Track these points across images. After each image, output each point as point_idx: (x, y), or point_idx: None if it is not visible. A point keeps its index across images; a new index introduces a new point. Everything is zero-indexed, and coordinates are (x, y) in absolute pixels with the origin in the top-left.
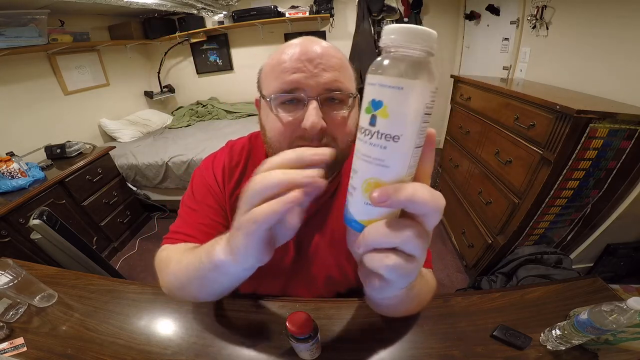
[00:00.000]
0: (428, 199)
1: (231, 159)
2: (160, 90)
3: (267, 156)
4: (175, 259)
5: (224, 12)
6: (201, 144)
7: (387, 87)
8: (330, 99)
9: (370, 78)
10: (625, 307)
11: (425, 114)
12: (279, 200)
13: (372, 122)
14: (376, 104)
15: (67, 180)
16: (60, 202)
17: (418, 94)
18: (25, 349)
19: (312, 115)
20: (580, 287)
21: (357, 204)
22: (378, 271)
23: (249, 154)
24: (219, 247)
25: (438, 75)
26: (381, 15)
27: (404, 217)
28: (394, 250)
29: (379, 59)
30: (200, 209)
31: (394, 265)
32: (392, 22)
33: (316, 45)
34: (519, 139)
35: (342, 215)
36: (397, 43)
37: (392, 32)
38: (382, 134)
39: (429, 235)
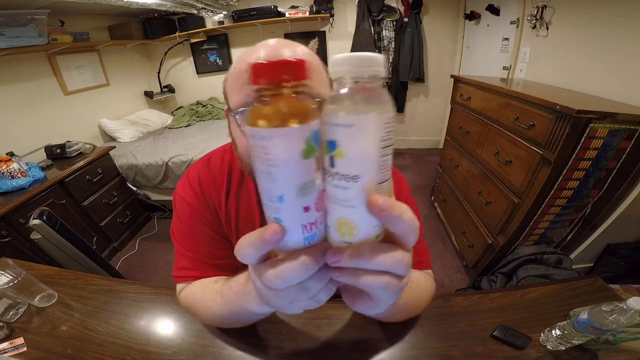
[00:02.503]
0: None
1: (212, 169)
2: (160, 90)
3: (239, 168)
4: (204, 309)
5: (224, 12)
6: (201, 144)
7: (338, 125)
8: None
9: (324, 117)
10: (625, 307)
11: (383, 147)
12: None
13: (331, 163)
14: (331, 144)
15: (67, 180)
16: (60, 202)
17: (369, 128)
18: (25, 349)
19: None
20: (580, 287)
21: (333, 241)
22: (371, 290)
23: (230, 163)
24: (254, 303)
25: (392, 102)
26: (381, 15)
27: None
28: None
29: (331, 94)
30: (193, 237)
31: (388, 284)
32: (393, 22)
33: (282, 50)
34: (519, 139)
35: None
36: (341, 75)
37: (338, 63)
38: (342, 175)
39: (410, 256)
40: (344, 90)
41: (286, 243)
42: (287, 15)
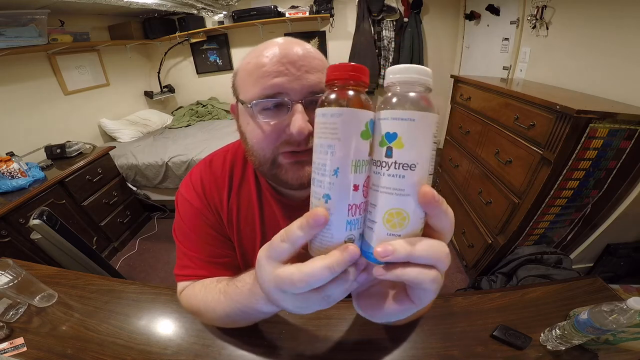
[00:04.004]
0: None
1: (214, 170)
2: (160, 90)
3: (240, 168)
4: (205, 309)
5: (224, 12)
6: (201, 144)
7: (400, 119)
8: (314, 101)
9: (382, 113)
10: (625, 307)
11: (433, 142)
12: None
13: (389, 153)
14: (390, 136)
15: (67, 180)
16: (60, 202)
17: (427, 123)
18: (25, 349)
19: (298, 120)
20: (580, 287)
21: (379, 236)
22: (420, 284)
23: (232, 163)
24: (262, 303)
25: (437, 106)
26: (381, 15)
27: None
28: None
29: (387, 96)
30: (195, 237)
31: (436, 277)
32: (393, 22)
33: (296, 47)
34: (519, 139)
35: None
36: (401, 81)
37: (396, 72)
38: (399, 164)
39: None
40: (404, 92)
41: (330, 227)
42: (287, 15)
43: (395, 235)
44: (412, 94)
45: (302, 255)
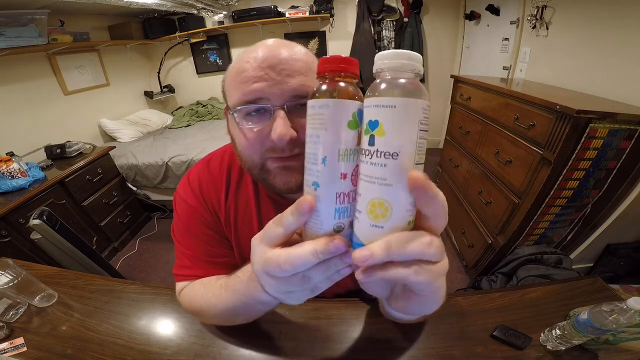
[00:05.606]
0: (409, 247)
1: (211, 170)
2: (160, 90)
3: (238, 168)
4: (207, 306)
5: (224, 12)
6: (201, 144)
7: (381, 106)
8: (299, 105)
9: (366, 101)
10: (625, 307)
11: (421, 130)
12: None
13: (371, 141)
14: (373, 124)
15: (67, 180)
16: (60, 202)
17: (410, 110)
18: (25, 349)
19: (279, 125)
20: (580, 287)
21: (363, 227)
22: (404, 279)
23: (229, 163)
24: (259, 291)
25: (427, 93)
26: (381, 15)
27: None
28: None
29: (374, 82)
30: (193, 236)
31: (419, 270)
32: (393, 22)
33: (279, 49)
34: (519, 139)
35: None
36: (388, 67)
37: (383, 58)
38: (381, 152)
39: (441, 241)
40: (388, 79)
41: (319, 214)
42: (287, 15)
43: (378, 226)
44: (395, 80)
45: (295, 242)
